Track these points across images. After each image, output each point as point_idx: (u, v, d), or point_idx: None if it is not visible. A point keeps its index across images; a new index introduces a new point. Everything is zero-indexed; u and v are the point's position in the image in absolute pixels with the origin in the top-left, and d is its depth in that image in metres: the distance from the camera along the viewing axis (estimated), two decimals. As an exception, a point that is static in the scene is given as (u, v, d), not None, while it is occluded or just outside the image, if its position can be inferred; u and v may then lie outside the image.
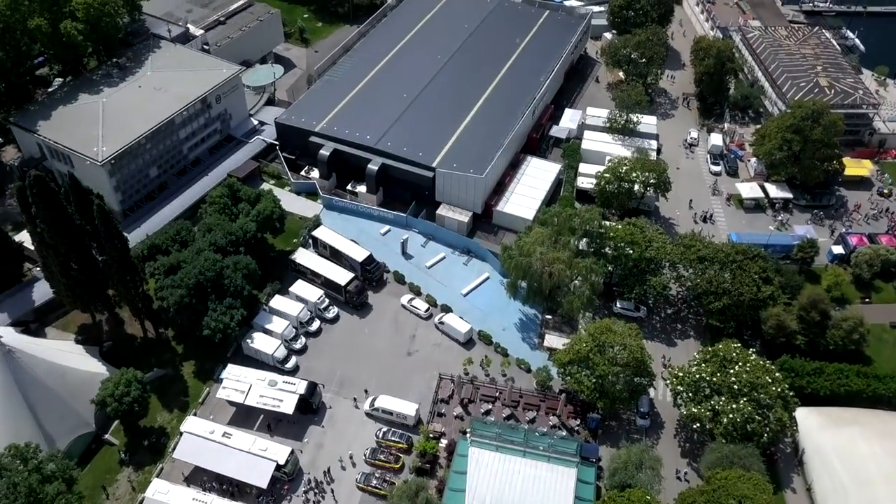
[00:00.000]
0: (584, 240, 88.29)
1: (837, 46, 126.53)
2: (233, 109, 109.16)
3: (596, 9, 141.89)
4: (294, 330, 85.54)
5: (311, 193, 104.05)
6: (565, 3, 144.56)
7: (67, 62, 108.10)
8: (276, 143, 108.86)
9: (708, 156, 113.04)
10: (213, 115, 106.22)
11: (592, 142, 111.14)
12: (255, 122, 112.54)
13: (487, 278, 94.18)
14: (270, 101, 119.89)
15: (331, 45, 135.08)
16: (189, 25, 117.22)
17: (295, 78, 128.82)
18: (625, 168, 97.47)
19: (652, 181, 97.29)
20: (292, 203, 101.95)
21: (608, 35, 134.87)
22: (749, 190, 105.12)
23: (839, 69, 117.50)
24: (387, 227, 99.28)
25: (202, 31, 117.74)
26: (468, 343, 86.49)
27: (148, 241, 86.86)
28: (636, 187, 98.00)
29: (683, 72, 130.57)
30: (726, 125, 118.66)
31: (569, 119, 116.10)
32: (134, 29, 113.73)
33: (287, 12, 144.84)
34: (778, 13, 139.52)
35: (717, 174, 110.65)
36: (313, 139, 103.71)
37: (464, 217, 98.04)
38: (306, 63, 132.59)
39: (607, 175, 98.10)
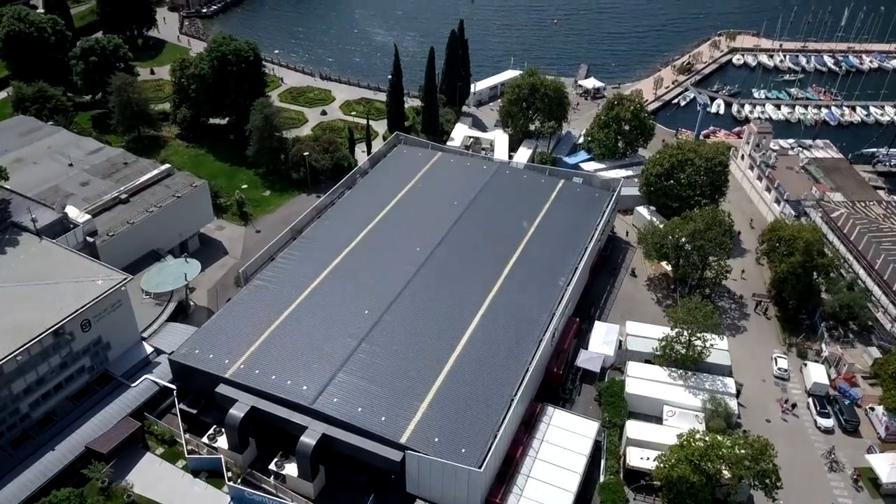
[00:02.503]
0: None
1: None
2: (113, 335, 74.08)
3: (623, 172, 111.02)
4: None
5: (215, 474, 67.42)
6: (581, 164, 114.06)
7: None
8: (173, 386, 73.30)
9: (809, 401, 77.50)
10: (78, 348, 71.15)
11: (640, 381, 75.85)
12: (150, 350, 77.20)
13: None
14: (181, 311, 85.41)
15: (279, 221, 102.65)
16: (69, 208, 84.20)
17: (225, 270, 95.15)
18: (703, 448, 61.64)
19: (750, 469, 61.14)
20: (185, 493, 65.57)
21: (643, 211, 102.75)
22: (891, 468, 68.58)
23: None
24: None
25: (88, 217, 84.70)
26: None
27: None
28: (724, 474, 62.06)
29: (743, 259, 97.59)
30: (824, 346, 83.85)
31: (602, 339, 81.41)
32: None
33: (228, 177, 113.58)
34: (860, 181, 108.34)
35: (828, 431, 74.66)
36: (222, 390, 68.15)
37: (451, 528, 61.24)
38: (242, 248, 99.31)
39: (674, 458, 62.09)
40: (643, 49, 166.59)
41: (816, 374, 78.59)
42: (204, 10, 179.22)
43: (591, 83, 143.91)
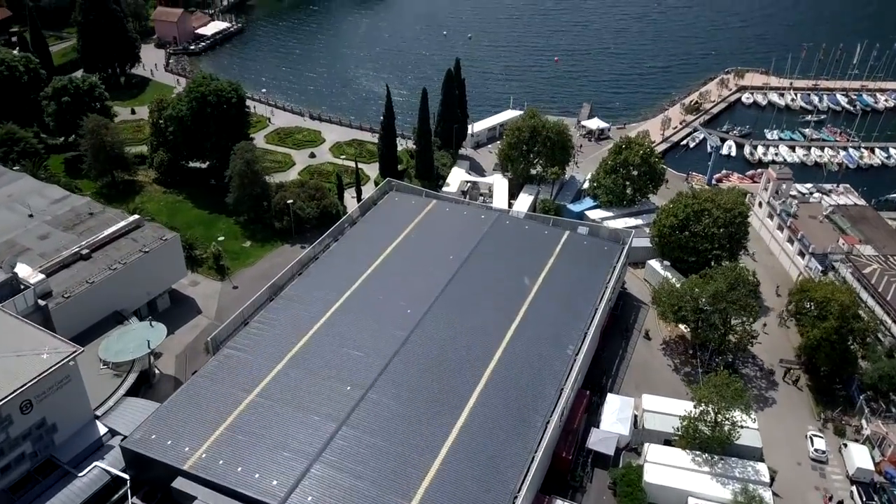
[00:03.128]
0: None
1: None
2: (60, 416, 64.79)
3: (632, 221, 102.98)
4: None
5: (169, 586, 57.98)
6: (586, 212, 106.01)
7: None
8: (126, 476, 63.98)
9: (853, 490, 68.16)
10: (17, 433, 61.94)
11: (661, 467, 66.63)
12: (104, 431, 67.94)
13: None
14: (144, 381, 76.41)
15: (258, 275, 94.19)
16: (20, 267, 75.56)
17: (197, 332, 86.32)
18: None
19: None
20: None
21: (656, 265, 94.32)
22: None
23: None
24: None
25: (41, 277, 76.10)
26: None
27: None
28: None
29: (765, 316, 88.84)
30: (864, 422, 74.77)
31: (615, 416, 72.26)
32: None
33: (206, 226, 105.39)
34: (891, 231, 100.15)
35: (876, 526, 65.50)
36: (180, 484, 58.89)
37: None
38: (217, 306, 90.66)
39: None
40: (648, 88, 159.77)
41: (859, 456, 69.42)
42: (192, 47, 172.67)
43: (594, 124, 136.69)
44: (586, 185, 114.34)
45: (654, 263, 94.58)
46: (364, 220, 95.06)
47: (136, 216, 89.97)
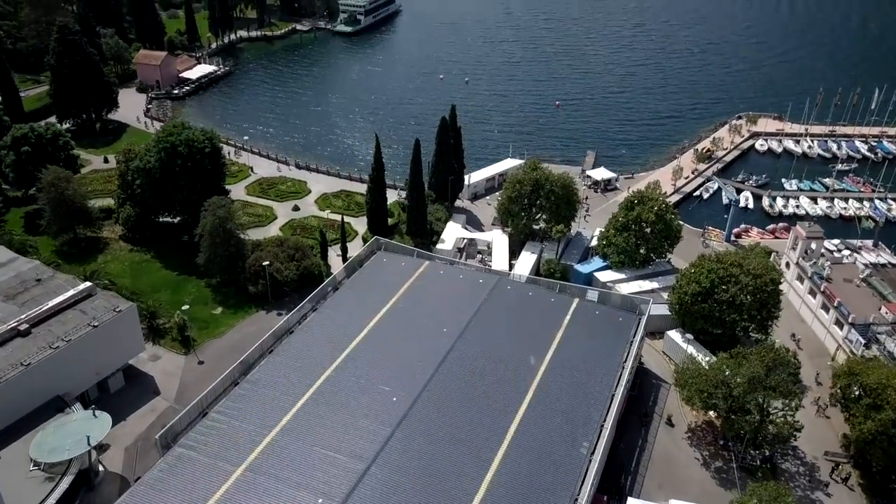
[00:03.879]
0: None
1: None
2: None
3: (646, 284, 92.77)
4: None
5: None
6: (595, 273, 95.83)
7: None
8: None
9: None
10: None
11: None
12: (27, 551, 56.75)
13: None
14: (85, 482, 65.11)
15: (228, 348, 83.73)
16: (-59, 350, 65.17)
17: (153, 417, 75.15)
18: None
19: None
20: None
21: (676, 337, 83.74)
22: None
23: None
24: None
25: (-34, 360, 65.59)
26: None
27: None
28: None
29: (804, 398, 77.82)
30: (932, 532, 63.63)
31: (639, 528, 61.00)
32: None
33: (173, 289, 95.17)
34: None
35: None
36: None
37: None
38: (179, 385, 79.68)
39: None
40: (656, 135, 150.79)
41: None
42: (175, 91, 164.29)
43: (600, 174, 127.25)
44: (594, 243, 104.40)
45: (674, 335, 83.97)
46: (348, 286, 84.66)
47: (89, 284, 79.61)
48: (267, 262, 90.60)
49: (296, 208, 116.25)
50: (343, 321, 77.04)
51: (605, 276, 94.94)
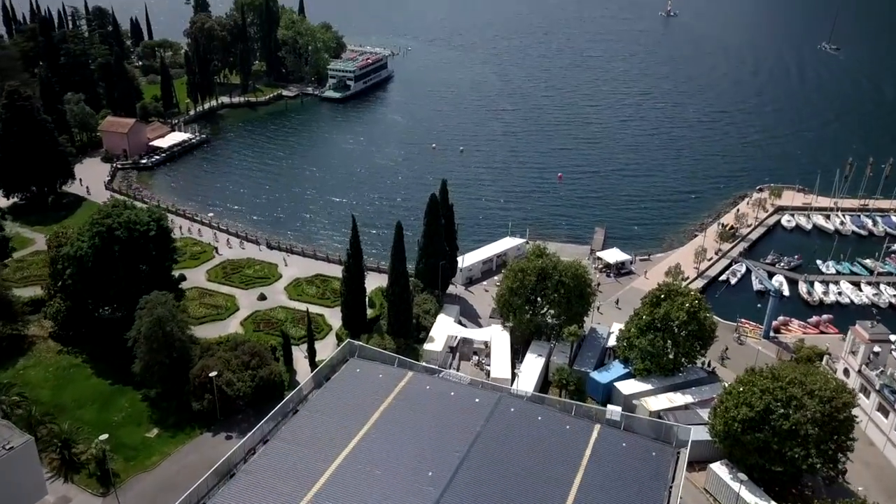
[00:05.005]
0: None
1: None
2: None
3: (680, 398, 76.17)
4: None
5: None
6: (616, 383, 79.36)
7: None
8: None
9: None
10: None
11: None
12: None
13: None
14: None
15: (160, 486, 66.99)
16: None
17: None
18: None
19: None
20: None
21: (722, 473, 66.49)
22: None
23: None
24: None
25: None
26: None
27: None
28: None
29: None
30: None
31: None
32: None
33: (102, 404, 79.01)
34: None
35: None
36: None
37: None
38: (88, 544, 62.12)
39: None
40: (672, 211, 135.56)
41: None
42: (143, 161, 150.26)
43: (613, 256, 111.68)
44: (612, 342, 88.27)
45: (720, 471, 66.83)
46: (311, 405, 67.91)
47: (-22, 410, 62.82)
48: (214, 374, 73.92)
49: (262, 297, 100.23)
50: (301, 457, 60.17)
51: (628, 386, 78.54)
